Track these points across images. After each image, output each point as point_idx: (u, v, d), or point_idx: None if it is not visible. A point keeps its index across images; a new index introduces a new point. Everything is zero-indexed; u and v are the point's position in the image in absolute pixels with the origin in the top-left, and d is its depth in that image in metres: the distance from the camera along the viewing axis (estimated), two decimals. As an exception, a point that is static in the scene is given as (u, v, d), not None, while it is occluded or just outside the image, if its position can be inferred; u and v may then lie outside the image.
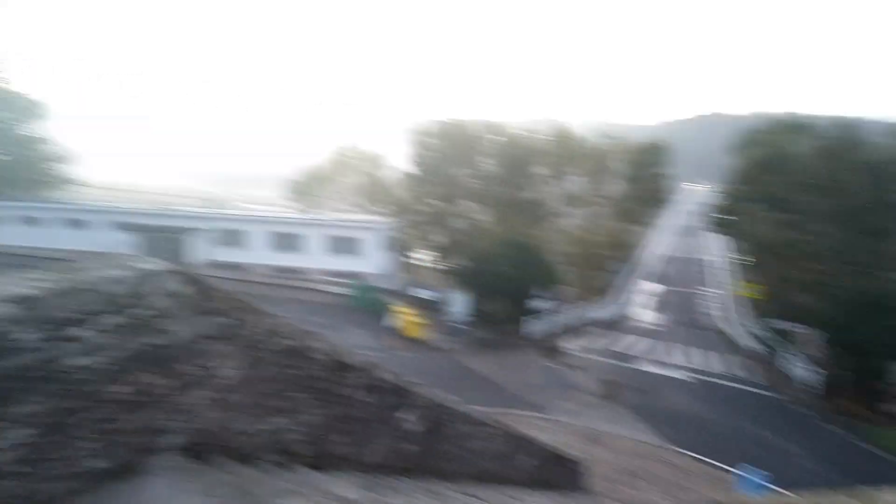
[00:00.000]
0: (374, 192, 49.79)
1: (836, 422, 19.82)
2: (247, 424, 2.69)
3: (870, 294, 22.74)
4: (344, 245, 35.96)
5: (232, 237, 37.45)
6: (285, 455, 3.03)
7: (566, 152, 42.78)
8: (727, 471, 15.09)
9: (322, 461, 3.40)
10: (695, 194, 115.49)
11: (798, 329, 25.14)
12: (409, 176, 44.14)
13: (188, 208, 43.15)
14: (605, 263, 44.85)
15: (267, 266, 36.37)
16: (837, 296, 24.70)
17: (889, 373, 19.28)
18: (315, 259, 35.84)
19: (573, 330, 30.01)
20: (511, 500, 5.44)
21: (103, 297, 1.92)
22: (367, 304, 30.30)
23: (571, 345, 27.81)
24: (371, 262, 35.76)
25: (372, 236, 36.00)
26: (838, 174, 28.05)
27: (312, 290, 32.91)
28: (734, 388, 23.04)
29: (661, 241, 66.94)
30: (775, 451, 16.82)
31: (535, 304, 27.78)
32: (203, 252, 37.02)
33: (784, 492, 7.27)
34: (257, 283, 32.34)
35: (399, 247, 43.83)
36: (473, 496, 4.64)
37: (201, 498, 1.78)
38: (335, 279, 33.81)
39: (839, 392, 22.49)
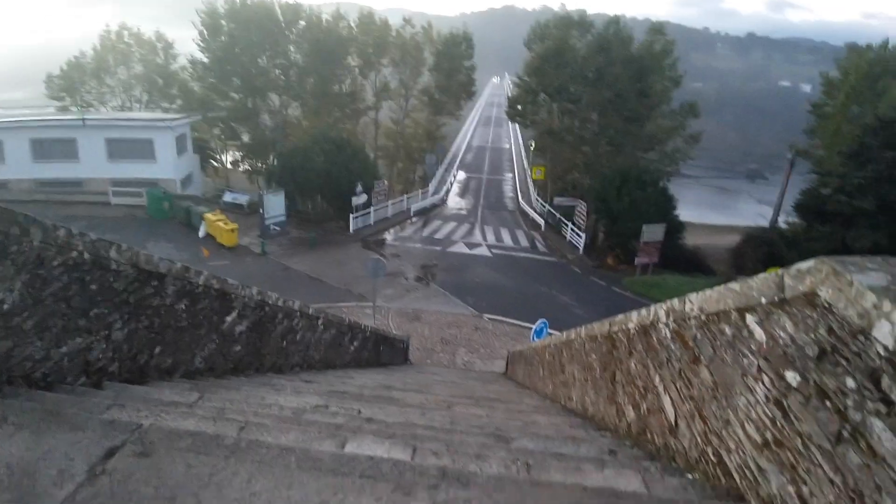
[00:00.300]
0: (162, 86, 42.59)
1: (602, 276, 24.64)
2: (42, 349, 2.58)
3: (626, 171, 27.68)
4: (131, 149, 30.73)
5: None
6: (97, 374, 2.99)
7: (375, 41, 41.24)
8: (525, 326, 18.13)
9: (143, 374, 3.41)
10: (497, 86, 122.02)
11: (577, 203, 29.70)
12: (202, 66, 38.42)
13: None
14: (419, 154, 46.28)
15: (32, 180, 29.79)
16: (602, 174, 29.62)
17: (640, 233, 24.28)
18: (95, 167, 30.14)
19: (392, 221, 31.23)
20: (340, 379, 6.03)
21: None
22: (168, 213, 27.34)
23: (391, 236, 29.08)
24: (167, 167, 31.51)
25: (164, 137, 31.27)
26: (607, 67, 32.11)
27: (97, 203, 28.38)
28: (528, 258, 26.85)
29: (470, 131, 70.69)
30: (556, 304, 20.54)
31: (354, 199, 28.00)
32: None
33: (557, 332, 9.10)
34: (20, 202, 26.49)
35: (200, 148, 39.29)
36: (306, 381, 5.06)
37: (2, 426, 1.78)
38: (126, 189, 29.40)
39: (604, 253, 27.79)
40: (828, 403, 1.43)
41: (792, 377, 1.61)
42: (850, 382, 1.34)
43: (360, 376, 6.40)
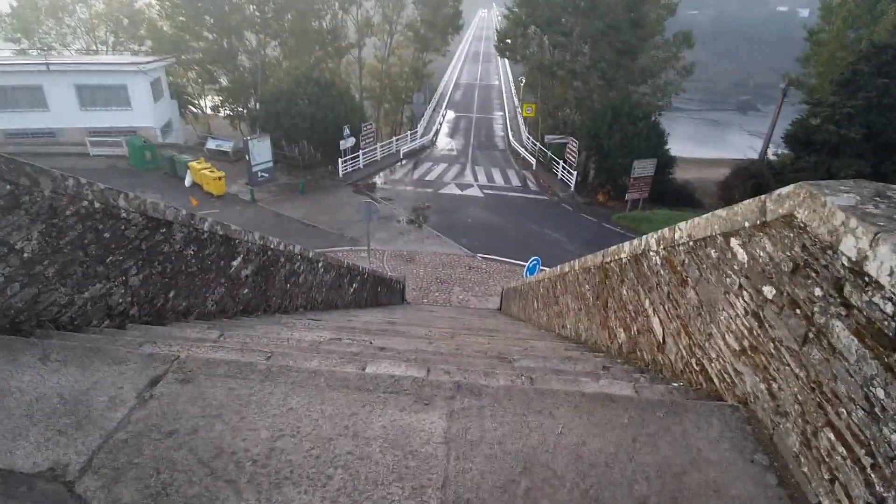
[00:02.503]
0: (128, 25, 40.28)
1: (593, 213, 24.88)
2: (65, 295, 2.73)
3: (617, 106, 27.31)
4: (104, 95, 29.51)
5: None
6: (119, 317, 3.16)
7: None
8: (518, 264, 18.49)
9: (161, 317, 3.59)
10: (485, 19, 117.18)
11: (568, 140, 29.46)
12: (170, 2, 36.22)
13: None
14: (407, 94, 45.09)
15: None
16: (592, 109, 29.19)
17: (631, 169, 24.31)
18: (67, 116, 28.99)
19: (383, 164, 30.92)
20: (345, 318, 6.27)
21: None
22: (151, 163, 26.84)
23: (381, 179, 28.89)
24: (145, 114, 30.50)
25: (138, 82, 29.99)
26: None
27: (75, 154, 27.70)
28: (520, 197, 26.93)
29: (458, 68, 68.59)
30: (548, 241, 20.86)
31: (342, 143, 27.56)
32: None
33: (547, 268, 9.36)
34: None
35: (177, 93, 37.92)
36: (313, 319, 5.28)
37: (40, 364, 1.95)
38: (104, 139, 28.60)
39: (595, 189, 27.89)
40: (798, 311, 1.63)
41: (768, 291, 1.80)
42: (818, 291, 1.53)
43: (363, 314, 6.66)
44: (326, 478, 1.51)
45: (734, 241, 2.03)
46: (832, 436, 1.43)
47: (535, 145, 33.53)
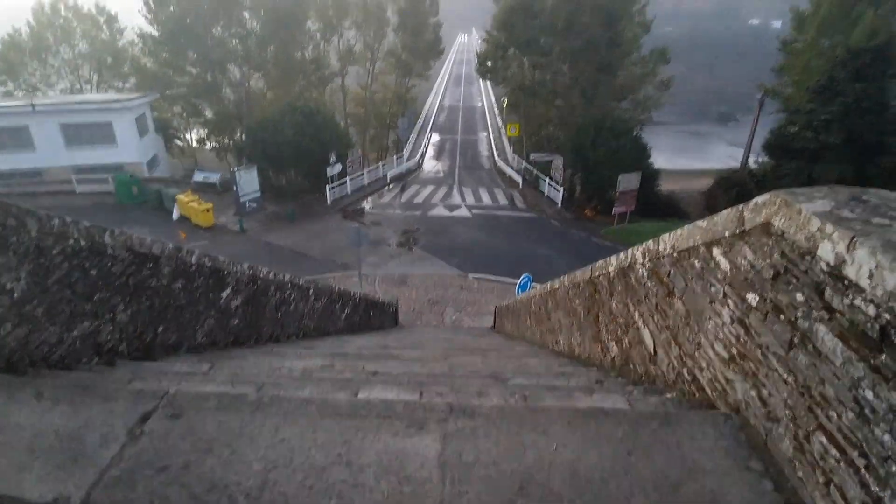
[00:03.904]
0: (112, 63, 40.48)
1: (581, 228, 25.07)
2: (55, 334, 2.70)
3: (599, 122, 27.78)
4: (89, 133, 29.56)
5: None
6: (108, 354, 3.13)
7: (336, 2, 39.75)
8: (509, 282, 18.50)
9: (150, 352, 3.55)
10: (464, 43, 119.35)
11: (553, 157, 29.82)
12: (152, 40, 36.48)
13: None
14: (392, 119, 45.53)
15: None
16: (575, 126, 29.66)
17: (616, 183, 24.60)
18: (53, 155, 28.99)
19: (370, 189, 31.05)
20: (338, 344, 6.23)
21: None
22: (138, 198, 26.76)
23: (369, 204, 28.98)
24: (131, 150, 30.55)
25: (123, 118, 30.12)
26: (576, 16, 31.65)
27: (61, 193, 27.59)
28: (508, 215, 27.10)
29: (441, 91, 69.54)
30: (538, 258, 20.92)
31: (329, 169, 27.68)
32: None
33: (538, 285, 9.38)
34: (-22, 194, 25.57)
35: (162, 127, 38.02)
36: (306, 348, 5.24)
37: (35, 402, 1.94)
38: (90, 176, 28.52)
39: (582, 205, 28.16)
40: (781, 317, 1.65)
41: (752, 298, 1.82)
42: (800, 297, 1.55)
43: (356, 340, 6.61)
44: (321, 509, 1.50)
45: (716, 251, 2.06)
46: (824, 439, 1.44)
47: (521, 164, 33.88)
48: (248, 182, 25.46)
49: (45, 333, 2.62)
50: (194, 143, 45.16)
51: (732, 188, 27.25)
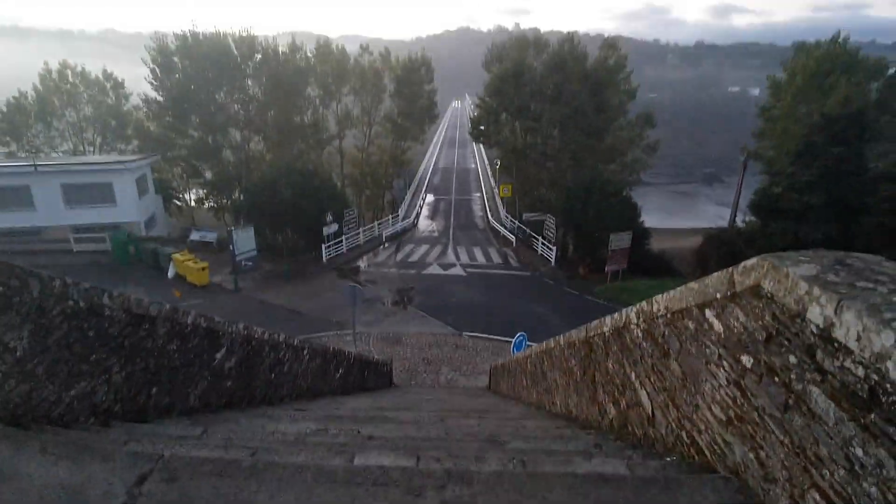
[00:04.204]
0: (116, 126, 41.58)
1: (575, 286, 25.12)
2: (54, 392, 2.68)
3: (589, 183, 28.51)
4: (89, 193, 29.94)
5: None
6: (103, 415, 3.07)
7: (334, 70, 41.53)
8: (504, 341, 18.33)
9: (143, 413, 3.48)
10: (458, 108, 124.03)
11: (545, 217, 30.33)
12: (157, 105, 37.75)
13: None
14: (388, 180, 46.53)
15: None
16: (566, 187, 30.42)
17: (608, 242, 24.93)
18: (52, 214, 29.21)
19: (366, 248, 31.25)
20: (332, 406, 6.09)
21: None
22: (134, 257, 26.77)
23: (364, 263, 29.08)
24: (129, 210, 30.86)
25: (124, 179, 30.62)
26: (564, 84, 33.22)
27: (58, 251, 27.60)
28: (502, 274, 27.20)
29: (435, 154, 71.52)
30: (533, 316, 20.84)
31: (325, 229, 27.97)
32: None
33: (534, 344, 9.33)
34: (-27, 253, 25.60)
35: (162, 188, 38.62)
36: (299, 410, 5.13)
37: (41, 456, 1.93)
38: (88, 235, 28.63)
39: (575, 263, 28.38)
40: (776, 379, 1.67)
41: (746, 360, 1.85)
42: (793, 358, 1.59)
43: (350, 401, 6.48)
44: (317, 582, 1.45)
45: (709, 313, 2.11)
46: (818, 496, 1.46)
47: (514, 223, 34.39)
48: (245, 241, 25.60)
49: (45, 391, 2.62)
50: (193, 203, 45.72)
51: (722, 247, 27.64)
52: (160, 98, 37.41)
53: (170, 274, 24.95)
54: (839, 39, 33.63)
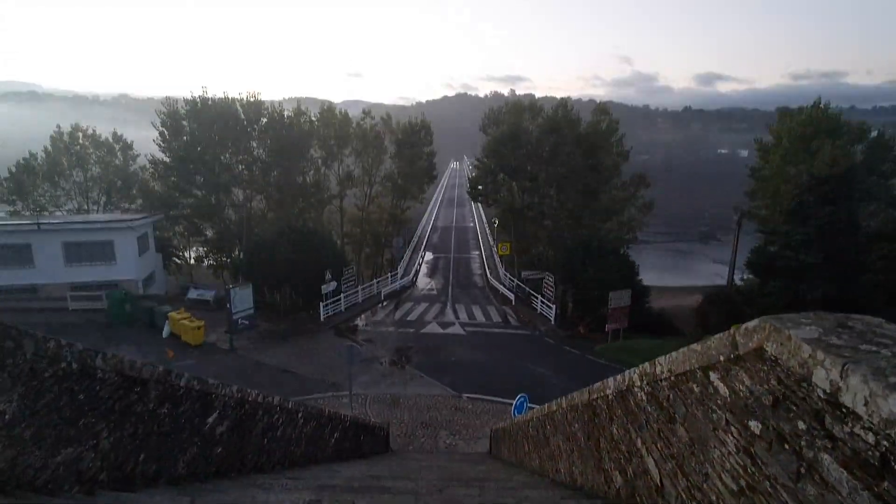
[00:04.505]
0: (122, 186, 42.40)
1: (575, 345, 24.80)
2: (40, 459, 2.57)
3: (587, 242, 28.78)
4: (90, 251, 30.10)
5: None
6: (88, 483, 2.94)
7: (337, 133, 42.82)
8: (505, 402, 17.86)
9: (129, 482, 3.34)
10: (456, 169, 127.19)
11: (544, 275, 30.38)
12: (162, 164, 38.70)
13: None
14: (387, 238, 46.92)
15: None
16: (564, 245, 30.69)
17: (608, 300, 24.85)
18: (52, 272, 29.25)
19: (364, 307, 31.04)
20: (326, 473, 5.85)
21: None
22: (130, 315, 26.51)
23: (362, 321, 28.80)
24: (129, 268, 30.90)
25: (125, 238, 30.88)
26: (559, 146, 34.25)
27: (54, 309, 27.34)
28: (502, 333, 26.90)
29: (434, 213, 72.55)
30: (533, 376, 20.43)
31: (324, 287, 27.89)
32: None
33: (535, 406, 9.10)
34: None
35: (162, 246, 38.85)
36: (292, 478, 4.92)
37: None
38: (85, 294, 28.50)
39: (575, 322, 28.15)
40: (786, 446, 1.62)
41: (755, 426, 1.80)
42: (802, 424, 1.55)
43: (345, 469, 6.23)
44: None
45: (713, 375, 2.07)
46: None
47: (513, 282, 34.39)
48: (243, 299, 25.45)
49: (31, 457, 2.52)
50: (192, 261, 45.84)
51: (722, 304, 27.57)
52: (167, 159, 38.39)
53: (165, 333, 24.63)
54: (820, 105, 35.02)
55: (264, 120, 40.17)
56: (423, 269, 43.39)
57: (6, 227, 29.78)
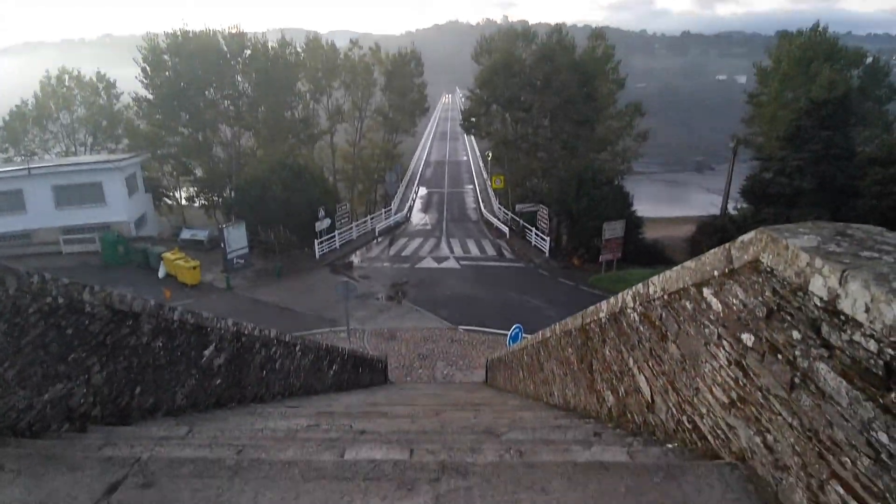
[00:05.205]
0: (108, 127, 41.21)
1: (569, 277, 25.12)
2: (24, 399, 2.55)
3: (581, 173, 28.47)
4: (79, 194, 29.66)
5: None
6: (80, 419, 2.96)
7: (324, 65, 41.18)
8: (500, 334, 18.29)
9: (125, 416, 3.37)
10: (448, 102, 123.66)
11: (538, 208, 30.27)
12: (148, 103, 37.38)
13: None
14: (380, 174, 46.31)
15: None
16: (558, 177, 30.40)
17: (602, 231, 24.90)
18: (43, 217, 28.98)
19: (359, 243, 31.08)
20: (325, 402, 6.01)
21: None
22: (124, 257, 26.48)
23: (358, 258, 28.93)
24: (119, 209, 30.54)
25: (113, 178, 30.29)
26: (553, 74, 33.07)
27: (47, 254, 27.27)
28: (496, 266, 27.15)
29: (427, 147, 71.22)
30: (528, 308, 20.82)
31: (317, 224, 27.78)
32: None
33: (529, 336, 9.30)
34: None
35: (152, 187, 38.24)
36: (291, 407, 5.04)
37: (1, 472, 1.79)
38: (77, 237, 28.37)
39: (569, 254, 28.39)
40: (779, 356, 1.60)
41: (747, 338, 1.78)
42: (796, 334, 1.51)
43: (344, 398, 6.40)
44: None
45: (707, 291, 2.04)
46: (841, 489, 1.33)
47: (507, 215, 34.32)
48: (237, 239, 25.39)
49: (13, 399, 2.48)
50: (183, 202, 45.36)
51: (715, 234, 27.69)
52: (150, 96, 37.14)
53: (161, 274, 24.70)
54: (819, 28, 34.26)
55: (248, 52, 38.51)
56: (417, 204, 43.15)
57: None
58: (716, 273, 1.94)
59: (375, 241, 32.09)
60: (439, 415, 3.95)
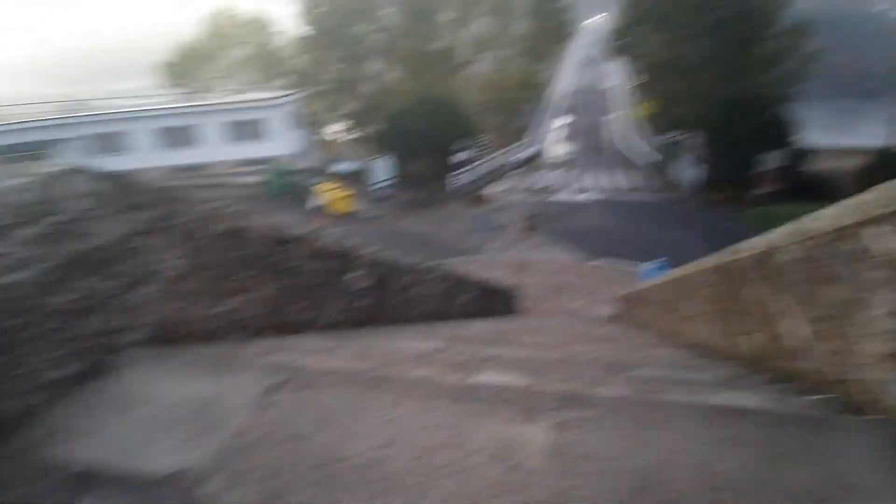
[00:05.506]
0: (268, 64, 44.85)
1: (716, 212, 22.83)
2: (203, 309, 3.04)
3: (739, 97, 25.06)
4: (246, 129, 33.27)
5: (109, 142, 32.62)
6: (246, 330, 3.46)
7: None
8: (634, 268, 17.50)
9: (283, 330, 3.88)
10: (593, 26, 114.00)
11: (686, 137, 27.47)
12: (304, 40, 39.80)
13: (43, 117, 33.55)
14: (518, 105, 45.12)
15: (159, 168, 32.49)
16: (714, 102, 27.07)
17: (757, 163, 22.10)
18: (215, 150, 33.07)
19: (495, 175, 31.12)
20: (456, 328, 6.35)
21: (12, 210, 1.98)
22: (284, 188, 29.51)
23: (494, 190, 29.08)
24: (280, 144, 33.76)
25: (276, 115, 33.39)
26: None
27: (219, 185, 31.33)
28: (635, 199, 25.56)
29: (568, 75, 67.24)
30: (668, 243, 19.45)
31: (457, 156, 28.23)
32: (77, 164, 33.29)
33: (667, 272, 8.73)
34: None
35: (309, 122, 41.46)
36: (426, 331, 5.42)
37: (183, 371, 2.16)
38: (244, 169, 32.08)
39: (719, 185, 25.64)
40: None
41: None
42: None
43: (474, 325, 6.69)
44: (428, 489, 1.52)
45: (875, 230, 1.74)
46: None
47: (652, 145, 31.69)
48: (382, 170, 26.86)
49: (195, 310, 2.97)
50: (336, 136, 48.62)
51: (889, 167, 22.98)
52: (311, 32, 39.19)
53: (314, 204, 27.21)
54: None
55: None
56: (556, 135, 41.55)
57: (172, 112, 33.60)
58: (885, 211, 1.65)
59: (512, 172, 31.85)
60: (566, 346, 3.98)
